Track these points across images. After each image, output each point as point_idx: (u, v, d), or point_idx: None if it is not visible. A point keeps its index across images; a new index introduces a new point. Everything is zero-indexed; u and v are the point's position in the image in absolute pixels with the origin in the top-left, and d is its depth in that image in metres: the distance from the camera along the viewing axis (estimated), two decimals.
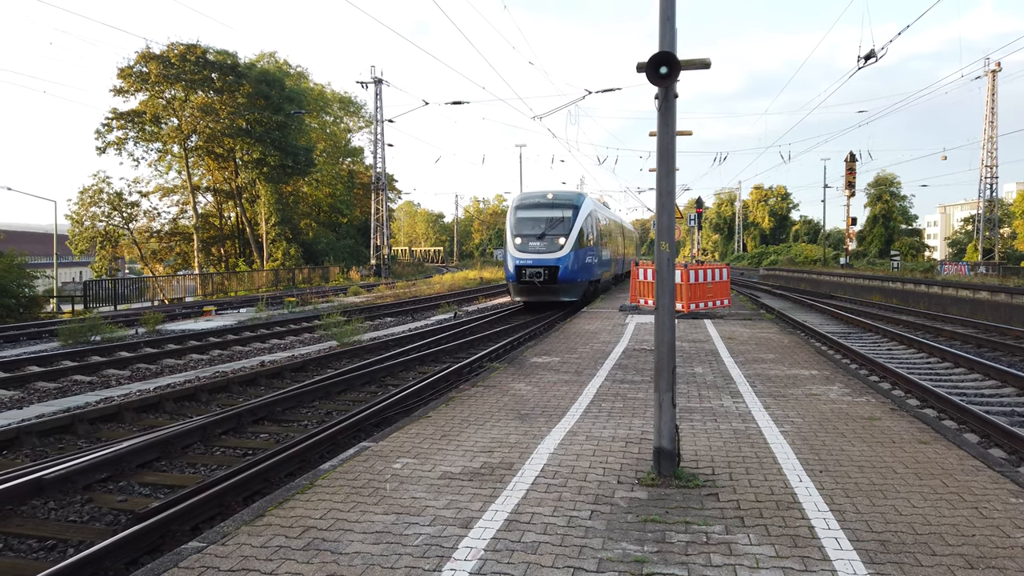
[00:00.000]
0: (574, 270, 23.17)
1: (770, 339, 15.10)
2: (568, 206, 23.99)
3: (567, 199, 24.49)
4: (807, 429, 7.48)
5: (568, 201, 24.31)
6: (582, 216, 23.93)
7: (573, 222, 23.48)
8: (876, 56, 18.17)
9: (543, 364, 11.77)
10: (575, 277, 23.31)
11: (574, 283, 23.44)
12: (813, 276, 49.96)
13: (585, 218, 24.13)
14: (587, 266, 24.37)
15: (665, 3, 5.93)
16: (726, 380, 10.30)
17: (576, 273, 23.31)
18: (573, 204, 24.17)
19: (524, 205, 24.48)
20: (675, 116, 6.10)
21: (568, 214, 23.69)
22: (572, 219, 23.52)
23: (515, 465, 6.24)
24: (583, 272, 23.95)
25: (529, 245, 23.29)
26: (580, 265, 23.51)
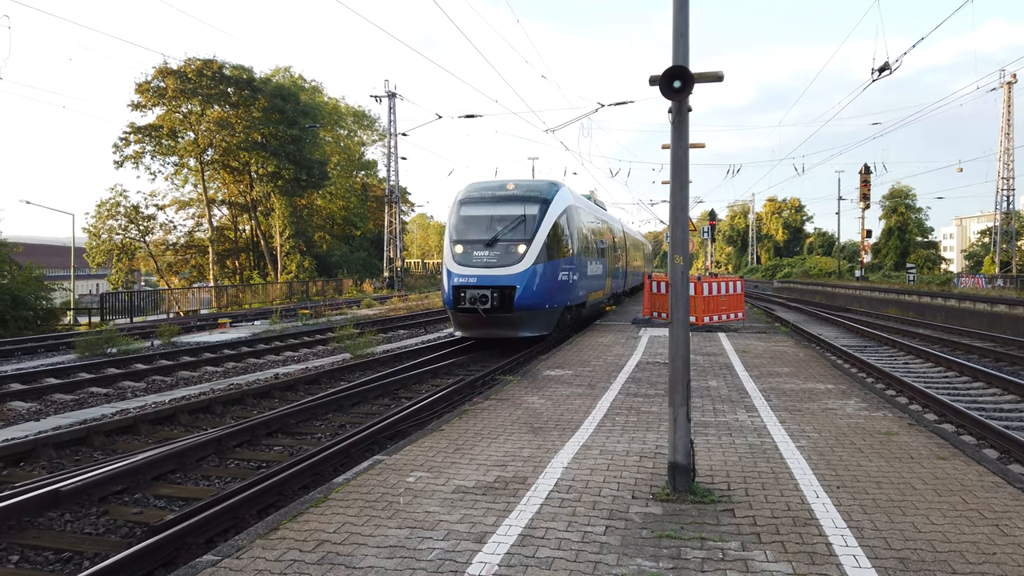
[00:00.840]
0: (540, 291, 16.14)
1: (785, 352, 14.99)
2: (534, 199, 17.02)
3: (533, 190, 17.45)
4: (824, 444, 7.41)
5: (534, 193, 17.29)
6: (554, 213, 17.02)
7: (539, 222, 16.57)
8: (891, 68, 18.13)
9: (556, 377, 11.74)
10: (541, 302, 16.28)
11: (539, 311, 16.31)
12: (828, 289, 49.65)
13: (560, 217, 17.29)
14: (563, 285, 17.31)
15: (678, 18, 5.95)
16: (741, 394, 10.23)
17: (543, 296, 16.30)
18: (540, 197, 17.13)
19: (471, 199, 17.57)
20: (688, 130, 6.10)
21: (533, 211, 16.75)
22: (538, 218, 16.64)
23: (529, 479, 6.22)
24: (556, 294, 16.89)
25: (474, 256, 16.27)
26: (550, 284, 16.50)
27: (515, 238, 16.35)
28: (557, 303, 17.04)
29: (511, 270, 15.87)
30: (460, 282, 16.00)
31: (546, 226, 16.57)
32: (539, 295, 16.11)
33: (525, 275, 15.85)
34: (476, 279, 15.90)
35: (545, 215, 16.65)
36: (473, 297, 15.77)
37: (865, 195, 56.10)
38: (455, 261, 16.32)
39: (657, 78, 5.93)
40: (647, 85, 6.20)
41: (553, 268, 16.62)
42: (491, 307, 15.70)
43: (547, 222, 16.62)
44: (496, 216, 16.81)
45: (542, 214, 16.64)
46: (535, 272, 15.98)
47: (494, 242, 16.31)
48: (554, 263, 16.71)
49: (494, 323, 16.06)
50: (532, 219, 16.54)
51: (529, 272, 15.89)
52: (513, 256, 16.04)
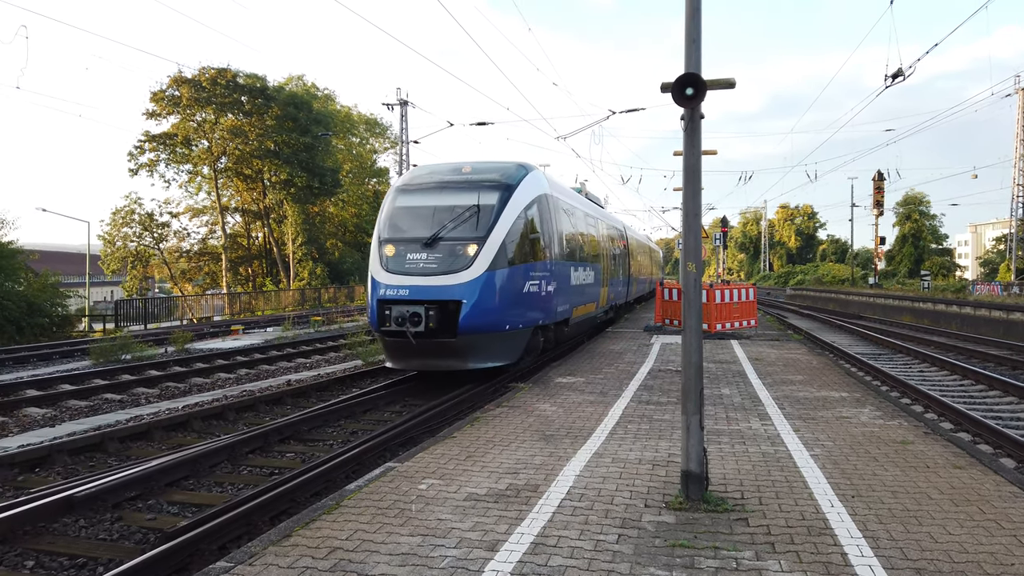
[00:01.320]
0: (497, 307, 12.08)
1: (798, 360, 14.90)
2: (492, 185, 12.97)
3: (492, 174, 13.37)
4: (838, 453, 7.35)
5: (492, 177, 13.23)
6: (520, 203, 12.92)
7: (498, 215, 12.44)
8: (904, 75, 18.00)
9: (568, 384, 11.72)
10: (499, 321, 12.18)
11: (496, 333, 12.19)
12: (841, 296, 49.35)
13: (529, 209, 13.20)
14: (532, 299, 13.05)
15: (690, 25, 5.95)
16: (754, 402, 10.17)
17: (501, 313, 12.19)
18: (501, 183, 13.05)
19: (412, 186, 13.60)
20: (701, 137, 6.09)
21: (490, 200, 12.67)
22: (497, 209, 12.53)
23: (541, 487, 6.20)
24: (521, 309, 12.76)
25: (408, 260, 12.19)
26: (513, 297, 12.44)
27: (464, 236, 12.15)
28: (523, 322, 12.79)
29: (456, 278, 11.75)
30: (387, 295, 11.93)
31: (507, 220, 12.42)
32: (496, 312, 11.96)
33: (475, 285, 11.72)
34: (408, 291, 11.82)
35: (507, 206, 12.55)
36: (402, 316, 11.59)
37: (879, 202, 55.79)
38: (383, 267, 12.30)
39: (669, 85, 5.93)
40: (659, 92, 6.20)
41: (517, 275, 12.48)
42: (427, 329, 11.57)
43: (509, 215, 12.50)
44: (441, 207, 12.67)
45: (503, 204, 12.54)
46: (490, 281, 11.84)
47: (435, 242, 12.13)
48: (519, 269, 12.51)
49: (432, 351, 11.91)
50: (489, 211, 12.41)
51: (481, 281, 11.76)
52: (460, 260, 11.91)
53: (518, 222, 12.69)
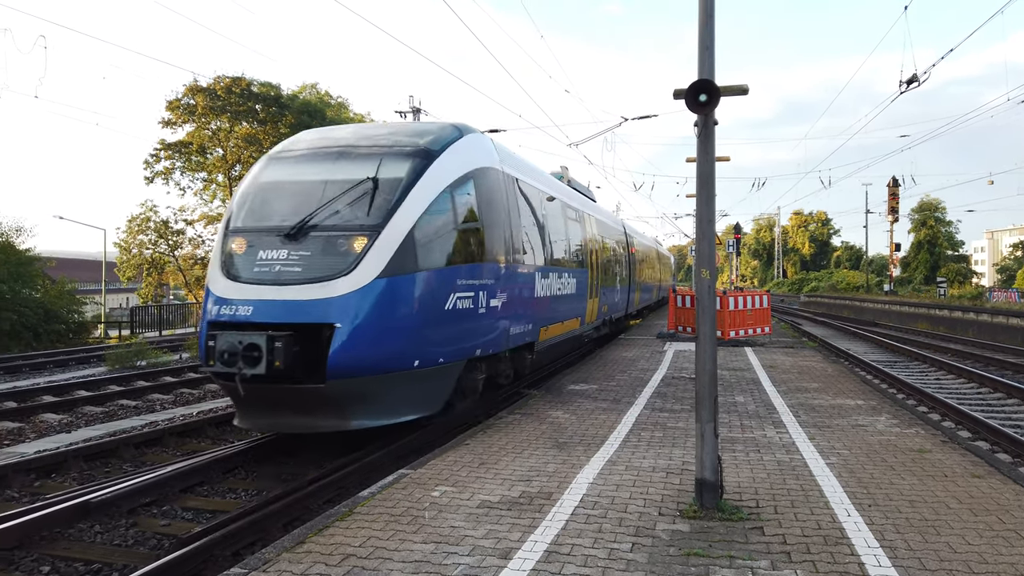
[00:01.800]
0: (396, 332, 8.10)
1: (813, 368, 14.79)
2: (403, 153, 9.07)
3: (407, 136, 9.55)
4: (854, 461, 7.28)
5: (403, 143, 9.30)
6: (445, 177, 9.05)
7: (405, 193, 8.51)
8: (919, 80, 17.91)
9: (580, 391, 11.68)
10: (401, 354, 8.19)
11: (398, 374, 8.21)
12: (856, 303, 49.02)
13: (461, 186, 9.33)
14: (463, 318, 9.11)
15: (703, 32, 5.94)
16: (768, 410, 10.10)
17: (407, 341, 8.24)
18: (418, 148, 9.14)
19: (288, 155, 9.65)
20: (714, 143, 6.07)
21: (395, 173, 8.74)
22: (404, 186, 8.59)
23: (554, 495, 6.18)
24: (442, 333, 8.78)
25: (259, 260, 8.19)
26: (427, 316, 8.49)
27: (348, 224, 8.16)
28: (448, 353, 8.77)
29: (327, 288, 7.73)
30: (219, 314, 8.00)
31: (421, 201, 8.43)
32: (395, 340, 7.98)
33: (359, 299, 7.72)
34: (251, 308, 7.83)
35: (421, 180, 8.56)
36: (230, 349, 7.53)
37: (894, 208, 55.39)
38: (221, 271, 8.34)
39: (682, 92, 5.91)
40: (671, 99, 6.19)
41: (435, 284, 8.46)
42: (271, 370, 7.44)
43: (424, 193, 8.51)
44: (323, 183, 8.63)
45: (415, 178, 8.55)
46: (387, 292, 7.86)
47: (303, 232, 8.10)
48: (438, 275, 8.52)
49: (287, 404, 8.02)
50: (392, 187, 8.41)
51: (370, 292, 7.76)
52: (337, 260, 7.90)
53: (439, 204, 8.54)
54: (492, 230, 9.93)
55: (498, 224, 10.17)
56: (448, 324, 8.75)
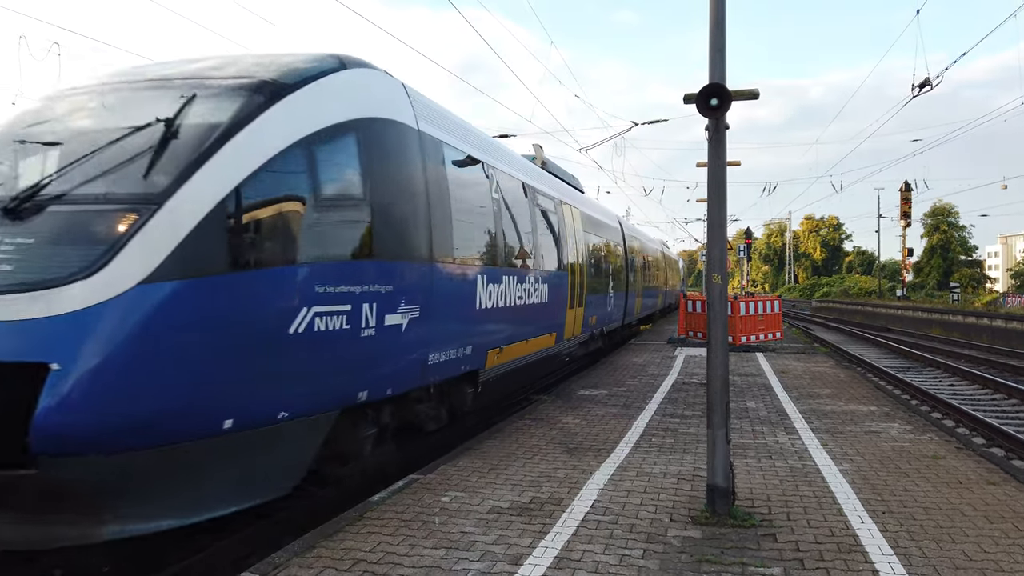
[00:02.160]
0: (169, 374, 4.63)
1: (825, 373, 14.70)
2: (218, 89, 5.68)
3: (243, 67, 6.07)
4: (867, 468, 7.22)
5: (239, 73, 5.90)
6: (299, 125, 5.72)
7: (217, 144, 5.16)
8: (931, 84, 17.82)
9: (590, 397, 11.65)
10: (184, 416, 4.74)
11: (194, 444, 4.85)
12: (868, 308, 48.74)
13: (329, 140, 6.01)
14: (325, 346, 5.70)
15: (715, 35, 5.93)
16: (780, 416, 10.04)
17: (196, 390, 4.79)
18: (255, 83, 5.72)
19: (63, 94, 6.20)
20: (726, 147, 6.05)
21: (207, 115, 5.42)
22: (219, 135, 5.21)
23: (564, 500, 6.15)
24: (281, 373, 5.38)
25: None
26: (249, 346, 5.09)
27: (104, 194, 4.96)
28: (294, 404, 5.60)
29: (40, 303, 4.42)
30: None
31: (243, 158, 5.29)
32: (171, 389, 4.70)
33: (98, 320, 4.45)
34: None
35: (248, 128, 5.40)
36: None
37: (906, 213, 55.09)
38: None
39: (693, 96, 5.90)
40: (681, 104, 6.18)
41: (264, 293, 5.32)
42: None
43: (253, 148, 5.37)
44: (90, 131, 5.54)
45: (239, 123, 5.39)
46: (159, 308, 4.63)
47: (28, 206, 4.90)
48: (271, 278, 5.39)
49: None
50: (194, 138, 5.28)
51: (118, 311, 4.50)
52: (72, 252, 4.67)
53: (284, 165, 5.56)
54: (391, 212, 6.56)
55: (404, 204, 6.82)
56: (298, 356, 5.44)
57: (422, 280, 7.11)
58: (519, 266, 10.52)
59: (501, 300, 9.57)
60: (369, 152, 6.44)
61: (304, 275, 5.56)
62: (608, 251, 18.57)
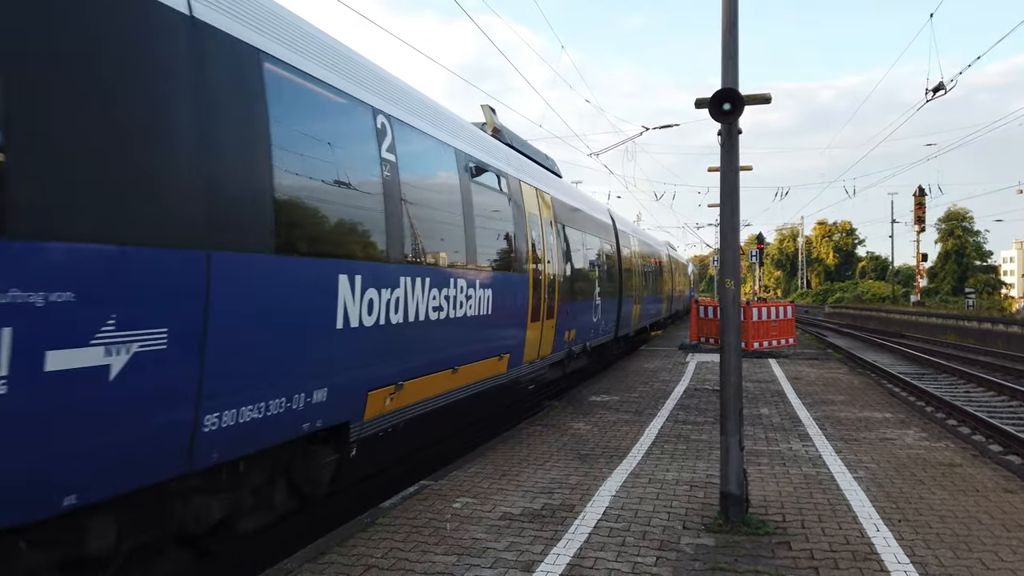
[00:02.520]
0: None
1: (839, 380, 14.59)
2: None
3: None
4: (882, 475, 7.15)
5: None
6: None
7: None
8: (945, 88, 17.70)
9: (602, 403, 11.61)
10: None
11: None
12: (882, 314, 48.39)
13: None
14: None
15: (727, 40, 5.91)
16: (794, 422, 9.96)
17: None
18: None
19: None
20: (739, 152, 6.03)
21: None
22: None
23: (576, 507, 6.12)
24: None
25: None
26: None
27: None
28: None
29: None
30: None
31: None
32: None
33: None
34: None
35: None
36: None
37: (920, 218, 54.71)
38: None
39: (705, 101, 5.89)
40: (692, 108, 6.17)
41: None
42: None
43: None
44: None
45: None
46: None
47: None
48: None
49: None
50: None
51: None
52: None
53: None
54: (62, 139, 3.52)
55: (103, 132, 3.75)
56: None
57: (177, 281, 4.06)
58: (436, 263, 7.46)
59: (397, 313, 6.46)
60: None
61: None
62: (595, 250, 15.68)
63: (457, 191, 8.29)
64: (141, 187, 3.90)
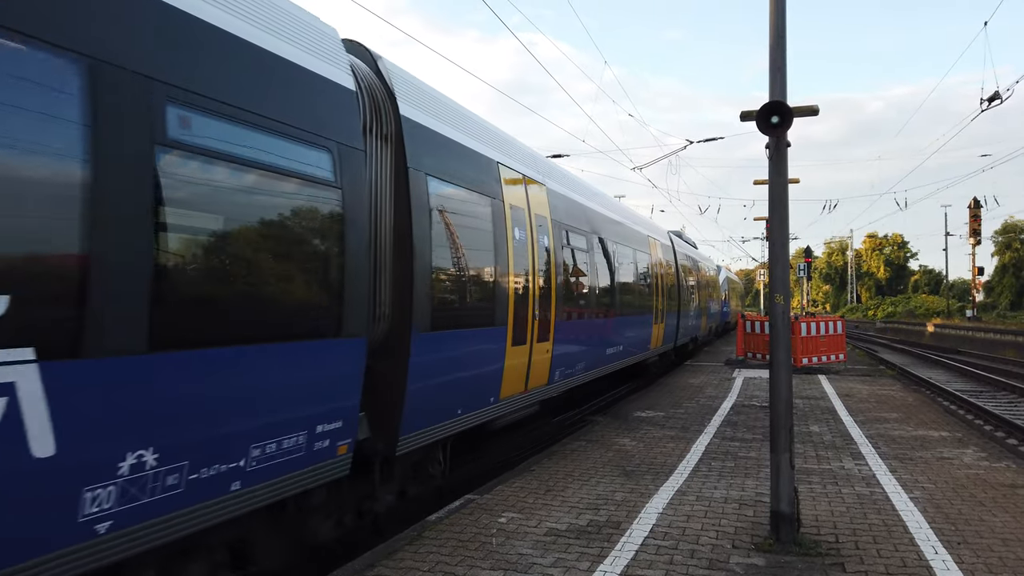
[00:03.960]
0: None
1: (892, 396, 14.20)
2: None
3: None
4: (940, 496, 6.93)
5: None
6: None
7: None
8: (1001, 98, 17.19)
9: (647, 418, 11.49)
10: None
11: None
12: (936, 329, 46.95)
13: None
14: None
15: (775, 53, 5.86)
16: (845, 440, 9.72)
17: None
18: None
19: None
20: (787, 165, 5.95)
21: None
22: None
23: (622, 524, 6.06)
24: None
25: None
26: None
27: None
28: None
29: None
30: None
31: None
32: None
33: None
34: None
35: None
36: None
37: (975, 230, 53.05)
38: None
39: (751, 113, 5.84)
40: (737, 121, 6.12)
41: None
42: None
43: None
44: None
45: None
46: None
47: None
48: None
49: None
50: None
51: None
52: None
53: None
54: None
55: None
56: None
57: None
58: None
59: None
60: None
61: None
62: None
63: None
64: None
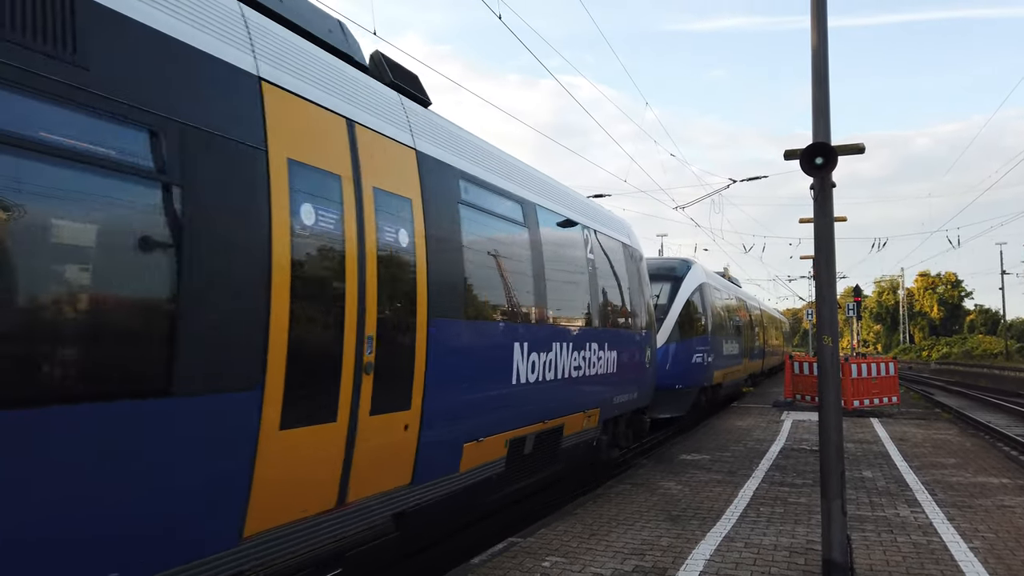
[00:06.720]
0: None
1: (949, 441, 13.70)
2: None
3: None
4: (1002, 546, 6.64)
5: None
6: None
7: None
8: None
9: (692, 462, 11.28)
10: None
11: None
12: (994, 371, 45.30)
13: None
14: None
15: (817, 94, 5.87)
16: (900, 486, 9.40)
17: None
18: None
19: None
20: (832, 205, 5.91)
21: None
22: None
23: (668, 570, 5.94)
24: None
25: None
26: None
27: None
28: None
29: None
30: None
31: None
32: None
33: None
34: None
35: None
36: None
37: None
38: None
39: (795, 152, 5.84)
40: (781, 159, 6.11)
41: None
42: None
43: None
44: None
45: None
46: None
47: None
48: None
49: None
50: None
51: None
52: None
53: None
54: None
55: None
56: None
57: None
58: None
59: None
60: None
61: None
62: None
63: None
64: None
